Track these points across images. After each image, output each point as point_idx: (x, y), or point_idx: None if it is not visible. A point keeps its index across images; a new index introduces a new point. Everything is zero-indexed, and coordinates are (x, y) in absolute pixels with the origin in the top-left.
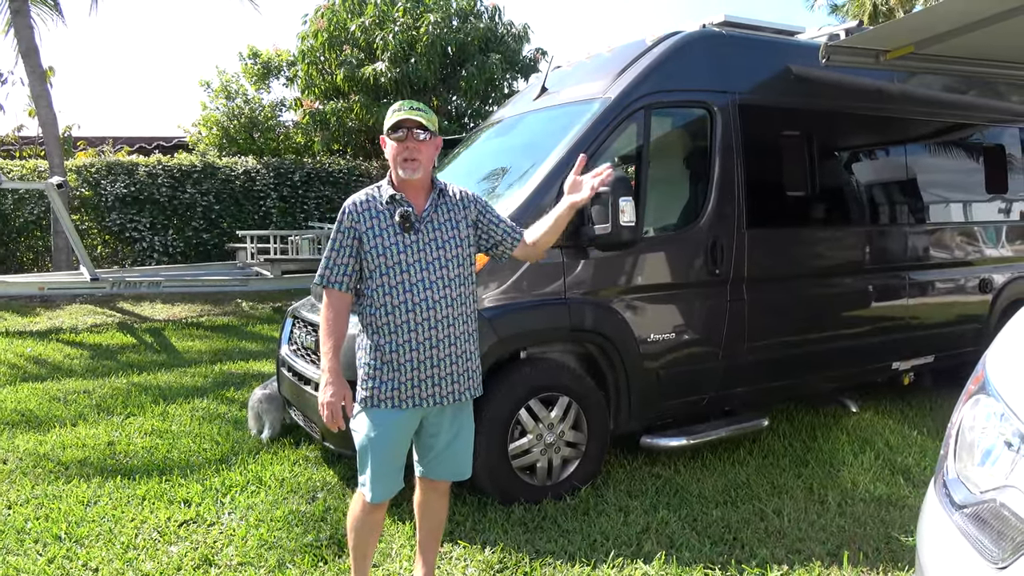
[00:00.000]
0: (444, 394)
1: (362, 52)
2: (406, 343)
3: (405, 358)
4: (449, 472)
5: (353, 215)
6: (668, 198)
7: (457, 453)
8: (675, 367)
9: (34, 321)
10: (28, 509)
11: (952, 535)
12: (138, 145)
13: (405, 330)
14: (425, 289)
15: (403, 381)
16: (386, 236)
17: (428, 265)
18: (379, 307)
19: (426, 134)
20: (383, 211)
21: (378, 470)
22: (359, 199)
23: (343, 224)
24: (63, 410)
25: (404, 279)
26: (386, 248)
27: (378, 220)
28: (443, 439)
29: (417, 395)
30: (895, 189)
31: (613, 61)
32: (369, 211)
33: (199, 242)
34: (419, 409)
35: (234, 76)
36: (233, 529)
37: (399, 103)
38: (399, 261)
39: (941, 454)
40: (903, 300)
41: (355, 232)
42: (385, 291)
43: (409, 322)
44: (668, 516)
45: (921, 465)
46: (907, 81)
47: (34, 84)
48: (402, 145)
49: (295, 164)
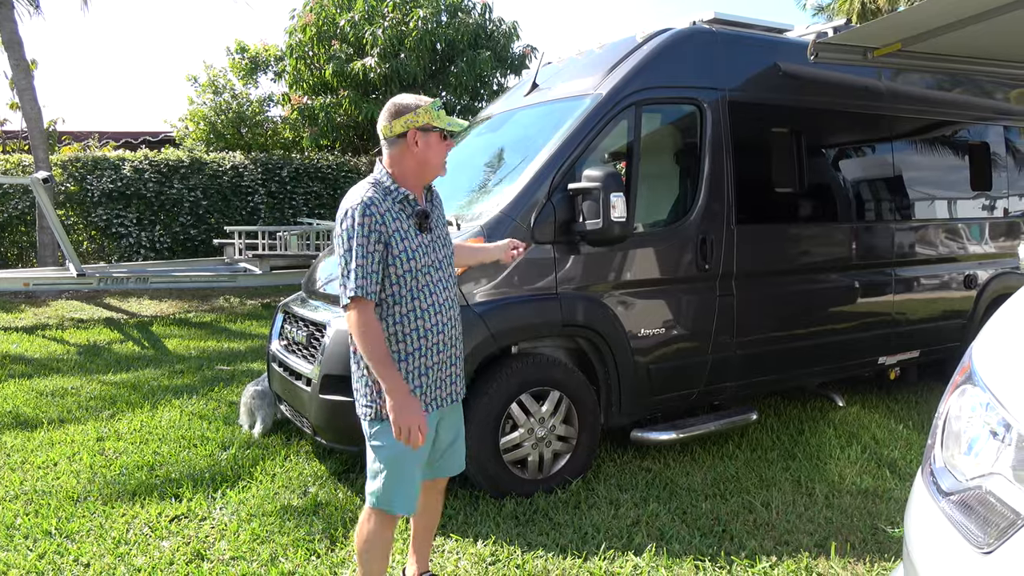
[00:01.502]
0: (457, 392)
1: (351, 47)
2: (435, 345)
3: (432, 361)
4: (452, 467)
5: (376, 217)
6: (658, 194)
7: (460, 448)
8: (665, 361)
9: (19, 317)
10: (17, 505)
11: (939, 522)
12: (124, 140)
13: (434, 333)
14: (444, 289)
15: (430, 384)
16: (411, 238)
17: (441, 264)
18: (406, 313)
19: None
20: (399, 212)
21: (412, 482)
22: (375, 197)
23: (367, 227)
24: (51, 407)
25: (428, 280)
26: (414, 251)
27: (400, 222)
28: (450, 437)
29: (440, 396)
30: (882, 186)
31: (604, 58)
32: (389, 212)
33: (186, 238)
34: (440, 410)
35: (221, 71)
36: (225, 524)
37: (439, 101)
38: (425, 263)
39: (928, 443)
40: (889, 296)
41: (380, 235)
42: (414, 296)
43: (437, 324)
44: (658, 509)
45: (907, 458)
46: (894, 78)
47: (18, 78)
48: (447, 147)
49: (283, 160)
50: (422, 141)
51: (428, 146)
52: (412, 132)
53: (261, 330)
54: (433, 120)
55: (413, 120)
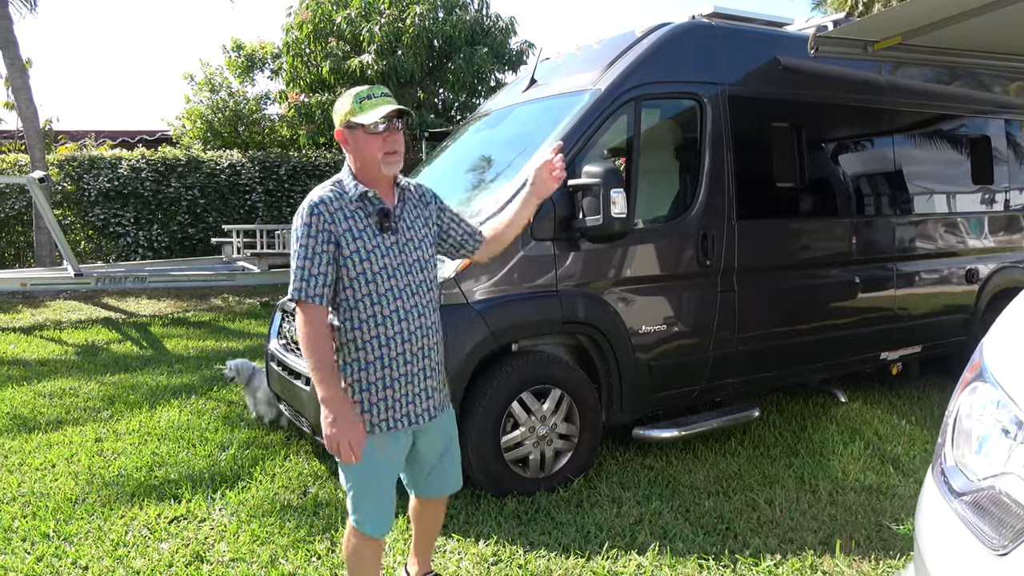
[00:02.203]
0: (435, 407)
1: (348, 44)
2: (399, 356)
3: (398, 372)
4: (445, 486)
5: (326, 216)
6: (659, 190)
7: (448, 467)
8: (666, 358)
9: (16, 318)
10: (15, 507)
11: (951, 523)
12: (120, 139)
13: (398, 341)
14: (412, 295)
15: (397, 399)
16: (366, 238)
17: (410, 268)
18: (365, 319)
19: (403, 121)
20: (356, 211)
21: (380, 502)
22: (327, 196)
23: (314, 227)
24: (49, 408)
25: (392, 285)
26: (369, 252)
27: (354, 221)
28: (435, 454)
29: (412, 412)
30: (883, 180)
31: (602, 53)
32: (342, 210)
33: (184, 237)
34: (413, 427)
35: (218, 69)
36: (224, 525)
37: (365, 89)
38: (384, 266)
39: (939, 442)
40: (891, 291)
41: (330, 235)
42: (373, 301)
43: (402, 332)
44: (661, 507)
45: (910, 454)
46: (894, 72)
47: (13, 77)
48: (381, 138)
49: (281, 158)
50: (350, 138)
51: (357, 142)
52: (338, 132)
53: (260, 329)
54: (353, 115)
55: (340, 119)
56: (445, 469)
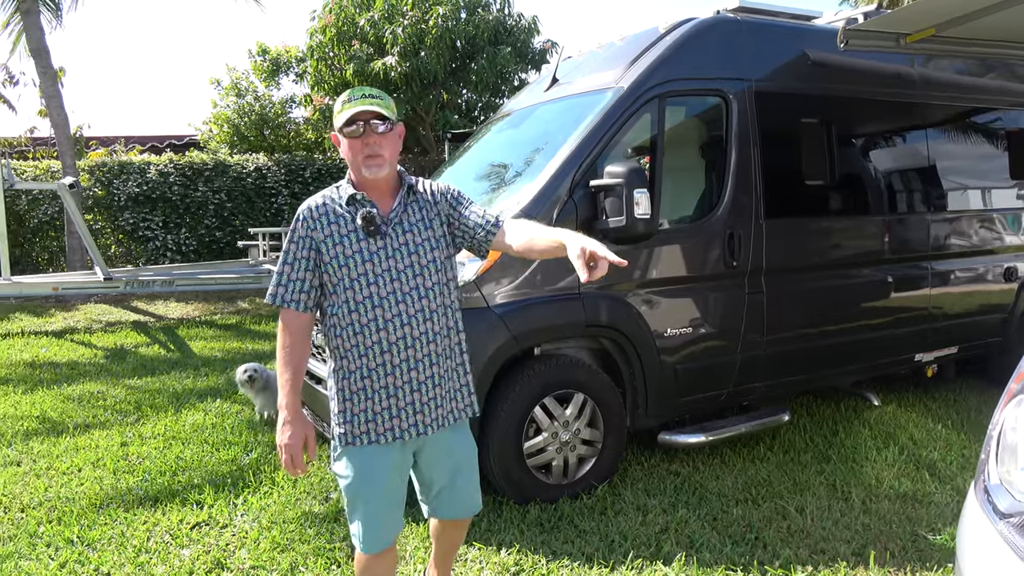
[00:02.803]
0: (428, 422)
1: (371, 47)
2: (379, 367)
3: (379, 384)
4: (456, 511)
5: (308, 222)
6: (683, 189)
7: (461, 489)
8: (692, 362)
9: (49, 321)
10: (41, 512)
11: (997, 546)
12: (150, 144)
13: (377, 352)
14: (397, 303)
15: (378, 411)
16: (347, 244)
17: (400, 275)
18: (345, 327)
19: (386, 125)
20: (343, 215)
21: (368, 518)
22: (314, 203)
23: (296, 233)
24: (77, 412)
25: (372, 292)
26: (348, 258)
27: (337, 226)
28: (443, 475)
29: (397, 426)
30: (916, 176)
31: (625, 50)
32: (326, 216)
33: (212, 240)
34: (402, 442)
35: (244, 73)
36: (246, 531)
37: (349, 92)
38: (364, 272)
39: (981, 457)
40: (925, 290)
41: (311, 241)
42: (351, 308)
43: (381, 342)
44: (688, 515)
45: (947, 460)
46: (927, 64)
47: (46, 85)
48: (360, 141)
49: (306, 160)
50: (340, 141)
51: (342, 146)
52: (333, 135)
53: None
54: (335, 118)
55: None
56: (458, 491)
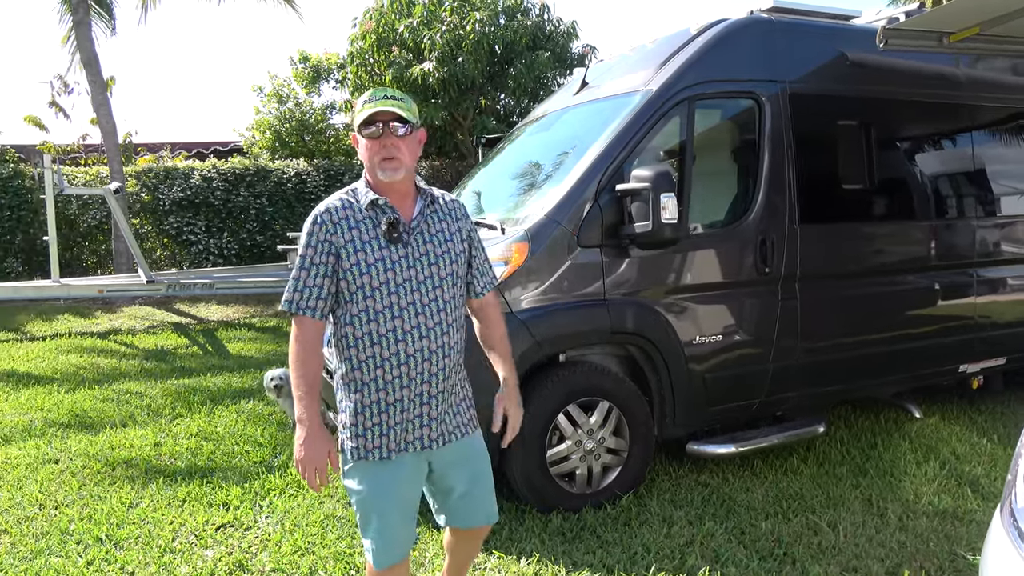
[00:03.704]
0: (434, 436)
1: (410, 53)
2: (396, 379)
3: (394, 397)
4: (474, 519)
5: (327, 226)
6: (714, 193)
7: (479, 497)
8: (723, 370)
9: (94, 323)
10: (74, 510)
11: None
12: (195, 150)
13: (394, 363)
14: (417, 314)
15: (392, 425)
16: (370, 251)
17: (419, 285)
18: (362, 337)
19: (406, 127)
20: (363, 220)
21: (382, 532)
22: (333, 205)
23: (315, 237)
24: (115, 411)
25: (392, 302)
26: (370, 265)
27: (359, 231)
28: (461, 482)
29: (404, 439)
30: (960, 180)
31: (656, 52)
32: (347, 220)
33: (252, 244)
34: (415, 455)
35: (285, 80)
36: (268, 534)
37: (370, 92)
38: (386, 281)
39: (1008, 478)
40: (971, 298)
41: (331, 246)
42: (370, 317)
43: (399, 354)
44: (714, 528)
45: (991, 476)
46: (974, 65)
47: (95, 93)
48: (377, 143)
49: (345, 165)
50: (359, 141)
51: (361, 146)
52: (353, 136)
53: None
54: (354, 118)
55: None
56: (474, 499)
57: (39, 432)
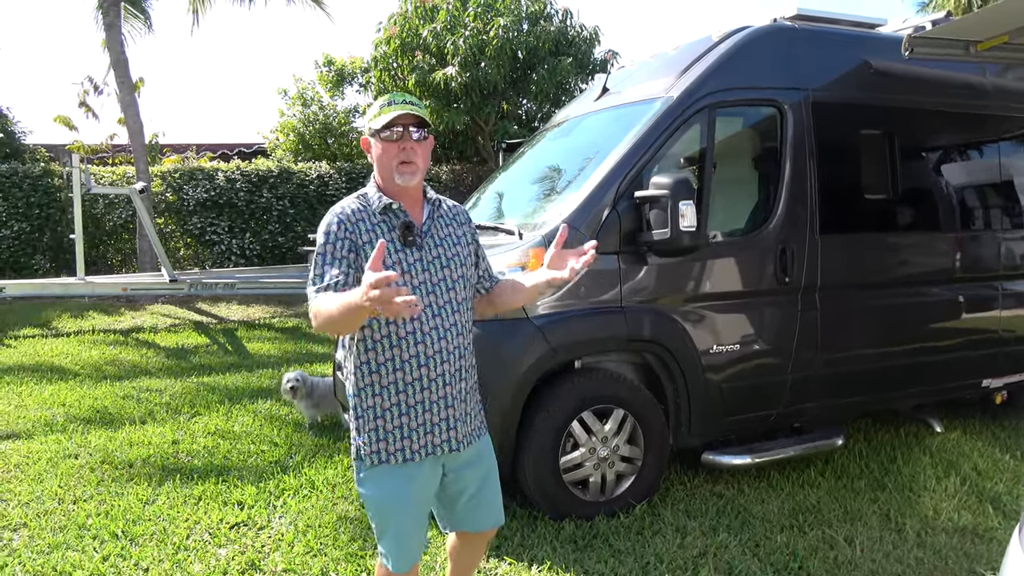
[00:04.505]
0: (459, 438)
1: (433, 57)
2: (416, 381)
3: (415, 399)
4: (482, 521)
5: (347, 224)
6: (734, 201)
7: (487, 499)
8: (740, 380)
9: (118, 320)
10: (91, 505)
11: None
12: (220, 152)
13: (414, 366)
14: (434, 316)
15: (414, 428)
16: (387, 253)
17: (435, 287)
18: (380, 340)
19: (421, 132)
20: (378, 223)
21: (400, 536)
22: (350, 208)
23: (334, 234)
24: (135, 408)
25: None
26: (388, 268)
27: (374, 233)
28: (473, 483)
29: (430, 442)
30: (986, 191)
31: (677, 59)
32: (363, 222)
33: (274, 245)
34: (433, 458)
35: (310, 84)
36: (281, 534)
37: (387, 96)
38: (404, 283)
39: None
40: (995, 311)
41: (351, 244)
42: (388, 320)
43: (419, 356)
44: (728, 539)
45: (1013, 493)
46: (1002, 74)
47: (124, 94)
48: (396, 146)
49: (367, 169)
50: (372, 146)
51: (375, 150)
52: (363, 139)
53: None
54: (371, 121)
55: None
56: (482, 501)
57: (60, 427)
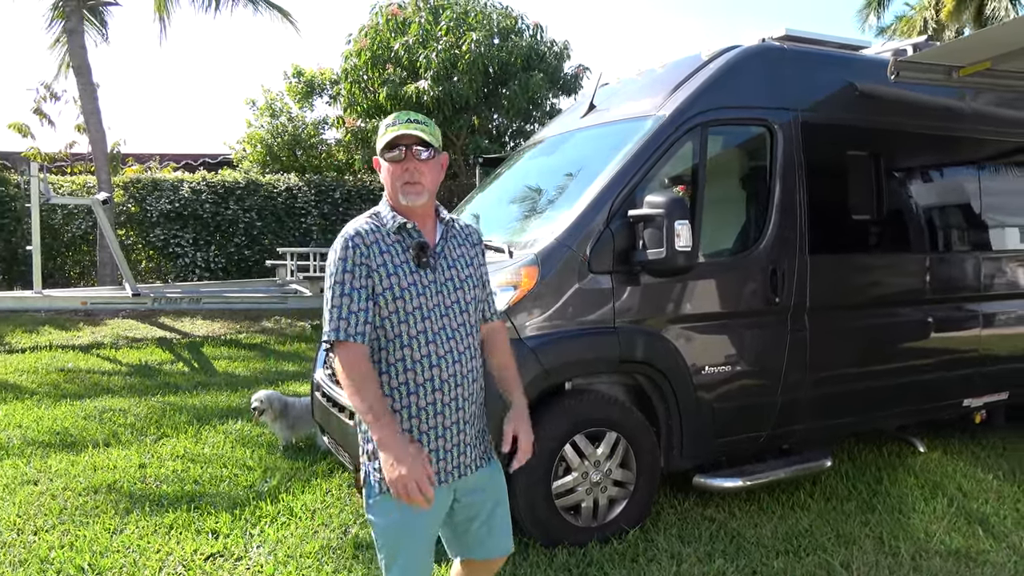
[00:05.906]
0: (469, 462)
1: (405, 71)
2: (429, 406)
3: (428, 424)
4: (492, 549)
5: (362, 249)
6: (724, 222)
7: (498, 526)
8: (731, 401)
9: (76, 335)
10: (54, 536)
11: None
12: (184, 162)
13: (428, 389)
14: (448, 339)
15: (427, 453)
16: (402, 275)
17: (448, 310)
18: (395, 363)
19: (429, 152)
20: (392, 244)
21: (410, 564)
22: (363, 228)
23: (351, 261)
24: (98, 429)
25: (426, 327)
26: (404, 290)
27: (390, 256)
28: (484, 509)
29: (443, 469)
30: (968, 213)
31: (666, 77)
32: (378, 244)
33: (240, 258)
34: (446, 486)
35: (278, 94)
36: (261, 565)
37: (394, 115)
38: (419, 306)
39: None
40: (976, 332)
41: (367, 270)
42: (403, 343)
43: (433, 380)
44: (725, 566)
45: (1000, 514)
46: (978, 98)
47: (85, 102)
48: (400, 166)
49: (336, 181)
50: (381, 165)
51: (383, 170)
52: (375, 159)
53: (310, 352)
54: (377, 141)
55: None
56: (494, 528)
57: (17, 451)
